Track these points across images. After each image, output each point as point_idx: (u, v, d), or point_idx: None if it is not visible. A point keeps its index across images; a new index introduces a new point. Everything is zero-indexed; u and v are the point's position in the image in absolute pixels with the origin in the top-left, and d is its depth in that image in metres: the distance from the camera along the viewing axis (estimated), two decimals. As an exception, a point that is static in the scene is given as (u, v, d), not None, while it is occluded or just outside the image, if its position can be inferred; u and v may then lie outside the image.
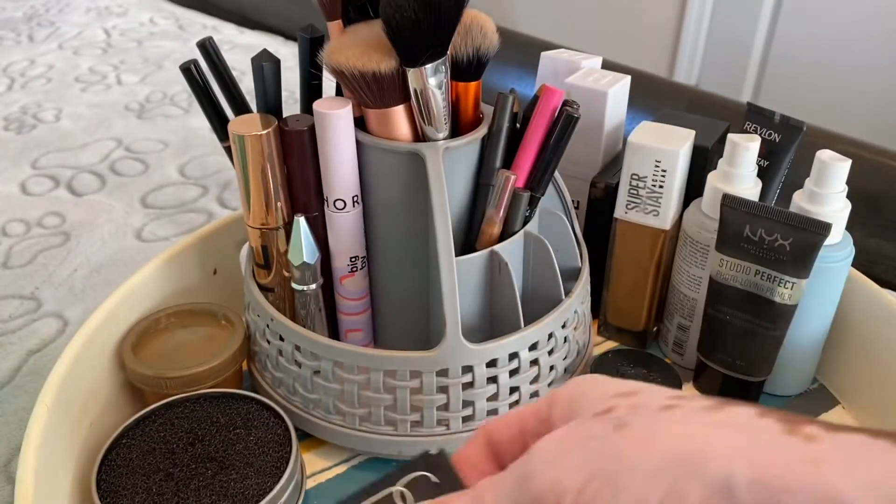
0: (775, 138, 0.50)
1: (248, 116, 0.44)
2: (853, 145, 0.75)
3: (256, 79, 0.43)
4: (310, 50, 0.43)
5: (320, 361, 0.44)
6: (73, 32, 1.24)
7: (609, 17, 1.95)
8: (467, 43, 0.40)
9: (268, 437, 0.43)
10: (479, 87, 0.43)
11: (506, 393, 0.45)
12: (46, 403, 0.40)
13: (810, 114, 0.65)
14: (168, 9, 1.35)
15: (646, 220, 0.51)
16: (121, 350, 0.48)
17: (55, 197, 0.78)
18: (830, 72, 1.66)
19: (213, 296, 0.54)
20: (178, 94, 1.01)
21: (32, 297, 0.63)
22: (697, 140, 0.50)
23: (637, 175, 0.50)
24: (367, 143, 0.42)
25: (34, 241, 0.70)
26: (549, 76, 0.56)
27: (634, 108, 0.61)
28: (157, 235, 0.71)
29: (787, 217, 0.44)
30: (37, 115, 0.95)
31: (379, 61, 0.39)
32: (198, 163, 0.84)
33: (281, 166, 0.44)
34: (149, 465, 0.41)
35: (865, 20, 1.58)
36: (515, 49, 0.91)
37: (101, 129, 0.92)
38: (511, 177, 0.42)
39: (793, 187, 0.48)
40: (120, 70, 1.09)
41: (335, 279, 0.47)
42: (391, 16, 0.37)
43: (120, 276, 0.65)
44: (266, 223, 0.45)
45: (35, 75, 1.08)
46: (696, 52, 1.86)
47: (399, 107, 0.41)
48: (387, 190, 0.44)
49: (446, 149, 0.41)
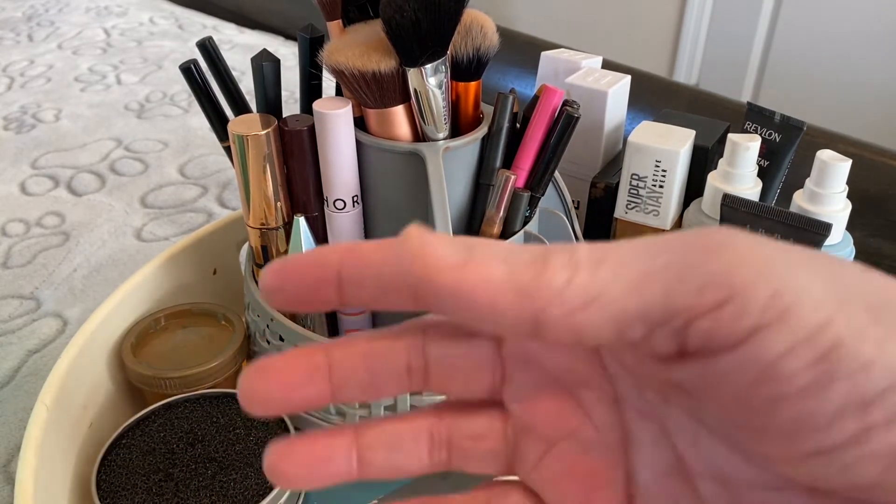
0: (775, 138, 0.50)
1: (248, 116, 0.44)
2: (853, 145, 0.75)
3: (256, 79, 0.43)
4: (310, 50, 0.43)
5: (320, 361, 0.44)
6: (72, 32, 1.23)
7: (609, 17, 1.95)
8: (467, 43, 0.40)
9: (268, 438, 0.42)
10: (479, 87, 0.43)
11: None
12: (46, 403, 0.40)
13: (810, 114, 0.65)
14: (168, 8, 1.35)
15: (646, 220, 0.51)
16: (120, 350, 0.48)
17: (55, 197, 0.78)
18: (830, 72, 1.66)
19: (213, 296, 0.54)
20: (177, 93, 1.01)
21: (32, 297, 0.63)
22: (697, 140, 0.50)
23: (637, 175, 0.49)
24: (367, 143, 0.42)
25: (34, 241, 0.70)
26: (549, 76, 0.56)
27: (634, 108, 0.61)
28: (157, 235, 0.71)
29: (788, 217, 0.44)
30: (36, 114, 0.95)
31: (379, 61, 0.39)
32: (198, 163, 0.84)
33: (281, 166, 0.44)
34: (148, 466, 0.41)
35: (865, 20, 1.58)
36: (515, 49, 0.91)
37: (100, 129, 0.92)
38: (511, 177, 0.42)
39: (793, 187, 0.48)
40: (120, 70, 1.09)
41: (335, 279, 0.46)
42: (391, 16, 0.37)
43: (120, 276, 0.65)
44: (266, 223, 0.45)
45: (34, 75, 1.07)
46: (696, 52, 1.86)
47: (399, 107, 0.41)
48: (387, 190, 0.44)
49: (446, 149, 0.41)
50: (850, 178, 0.46)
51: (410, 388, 0.21)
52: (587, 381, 0.21)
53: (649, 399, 0.20)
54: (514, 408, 0.22)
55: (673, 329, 0.17)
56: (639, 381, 0.20)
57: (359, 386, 0.20)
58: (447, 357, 0.21)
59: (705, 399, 0.18)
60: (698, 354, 0.17)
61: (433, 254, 0.18)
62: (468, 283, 0.17)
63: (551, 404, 0.21)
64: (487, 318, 0.18)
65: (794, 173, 0.51)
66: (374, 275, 0.19)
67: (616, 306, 0.17)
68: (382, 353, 0.21)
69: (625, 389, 0.21)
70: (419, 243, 0.18)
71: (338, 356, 0.20)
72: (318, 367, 0.20)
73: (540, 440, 0.22)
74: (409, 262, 0.18)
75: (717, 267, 0.17)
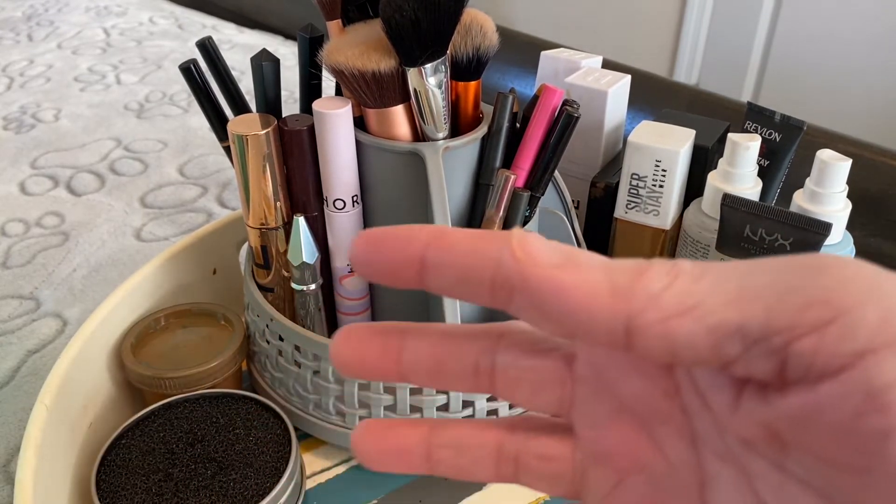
0: (775, 138, 0.50)
1: (248, 116, 0.44)
2: (854, 145, 0.75)
3: (256, 78, 0.43)
4: (309, 50, 0.43)
5: (320, 362, 0.44)
6: (72, 32, 1.23)
7: (609, 17, 1.95)
8: (467, 43, 0.40)
9: (267, 438, 0.42)
10: (479, 87, 0.43)
11: (506, 393, 0.45)
12: (46, 403, 0.40)
13: (810, 114, 0.65)
14: (167, 8, 1.35)
15: (646, 219, 0.51)
16: (120, 350, 0.48)
17: (54, 197, 0.78)
18: (830, 72, 1.66)
19: (213, 296, 0.54)
20: (177, 93, 1.01)
21: (31, 297, 0.63)
22: (697, 140, 0.50)
23: (637, 175, 0.49)
24: (366, 143, 0.42)
25: (33, 241, 0.70)
26: (549, 76, 0.56)
27: (634, 108, 0.61)
28: (157, 235, 0.71)
29: (788, 217, 0.44)
30: (36, 114, 0.95)
31: (378, 61, 0.39)
32: (197, 162, 0.84)
33: (280, 166, 0.44)
34: (148, 466, 0.41)
35: (865, 20, 1.58)
36: (515, 49, 0.91)
37: (100, 129, 0.92)
38: (511, 177, 0.42)
39: (793, 187, 0.48)
40: (119, 70, 1.09)
41: (335, 279, 0.46)
42: (391, 15, 0.37)
43: (119, 276, 0.65)
44: (266, 223, 0.45)
45: (34, 75, 1.07)
46: (696, 52, 1.86)
47: (399, 106, 0.41)
48: (387, 190, 0.44)
49: (446, 148, 0.41)
50: (850, 178, 0.46)
51: (476, 388, 0.22)
52: (663, 414, 0.20)
53: (729, 442, 0.19)
54: (584, 434, 0.21)
55: (772, 348, 0.16)
56: (720, 420, 0.19)
57: (425, 374, 0.21)
58: (515, 366, 0.21)
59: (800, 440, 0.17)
60: (799, 382, 0.16)
61: (533, 251, 0.18)
62: (564, 282, 0.17)
63: (624, 435, 0.21)
64: (579, 320, 0.17)
65: (794, 173, 0.51)
66: (459, 263, 0.19)
67: (714, 318, 0.16)
68: (453, 348, 0.21)
69: (703, 428, 0.19)
70: (520, 239, 0.18)
71: (411, 342, 0.21)
72: (390, 348, 0.21)
73: (611, 471, 0.21)
74: (508, 255, 0.18)
75: (822, 286, 0.16)
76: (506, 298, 0.18)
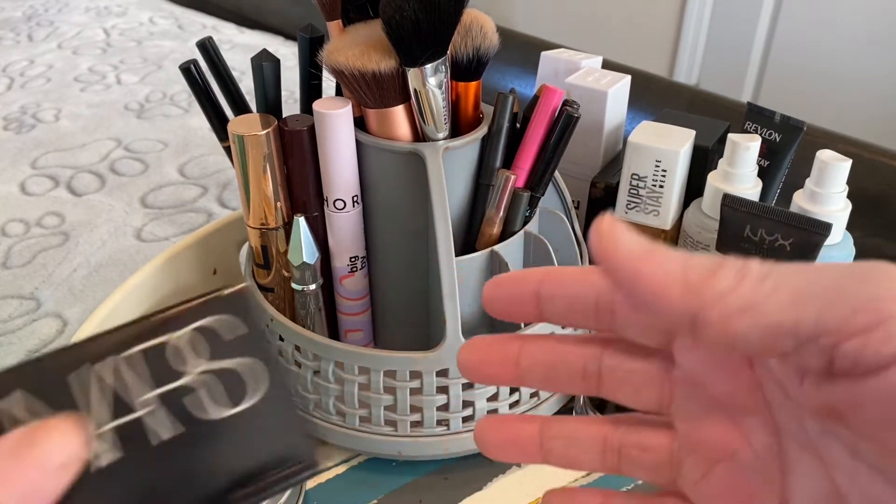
0: (775, 138, 0.50)
1: (248, 116, 0.44)
2: (853, 145, 0.75)
3: (256, 79, 0.43)
4: (309, 50, 0.43)
5: (320, 362, 0.44)
6: (72, 32, 1.23)
7: (609, 17, 1.95)
8: (467, 43, 0.40)
9: (267, 438, 0.42)
10: (479, 87, 0.43)
11: (506, 393, 0.45)
12: (46, 404, 0.40)
13: (810, 114, 0.65)
14: (167, 8, 1.35)
15: (646, 220, 0.51)
16: (120, 350, 0.48)
17: (54, 197, 0.78)
18: (830, 72, 1.66)
19: (213, 296, 0.54)
20: (177, 93, 1.01)
21: (32, 297, 0.63)
22: (697, 140, 0.50)
23: (637, 175, 0.49)
24: (366, 143, 0.42)
25: (33, 241, 0.70)
26: (549, 76, 0.56)
27: (634, 108, 0.61)
28: (157, 235, 0.71)
29: (788, 217, 0.44)
30: (36, 114, 0.95)
31: (379, 61, 0.39)
32: (197, 163, 0.84)
33: (281, 166, 0.44)
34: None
35: (865, 20, 1.59)
36: (515, 49, 0.91)
37: (100, 129, 0.92)
38: (511, 177, 0.42)
39: (793, 187, 0.48)
40: (119, 70, 1.09)
41: (335, 279, 0.46)
42: (391, 16, 0.37)
43: (119, 276, 0.65)
44: (266, 223, 0.45)
45: (34, 75, 1.07)
46: (696, 52, 1.86)
47: (399, 107, 0.41)
48: (387, 190, 0.44)
49: (446, 149, 0.41)
50: (849, 178, 0.46)
51: (585, 390, 0.24)
52: (749, 408, 0.23)
53: (808, 429, 0.21)
54: (680, 427, 0.24)
55: (821, 347, 0.18)
56: (797, 410, 0.21)
57: (539, 377, 0.24)
58: (620, 369, 0.24)
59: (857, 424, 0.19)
60: (846, 375, 0.18)
61: (620, 239, 0.20)
62: (645, 271, 0.20)
63: (715, 427, 0.23)
64: (653, 307, 0.20)
65: (794, 173, 0.51)
66: (566, 294, 0.23)
67: (769, 319, 0.18)
68: (564, 354, 0.24)
69: (784, 419, 0.22)
70: (610, 228, 0.20)
71: (528, 348, 0.24)
72: (510, 354, 0.24)
73: (703, 459, 0.23)
74: (597, 240, 0.20)
75: (871, 293, 0.18)
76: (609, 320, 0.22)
